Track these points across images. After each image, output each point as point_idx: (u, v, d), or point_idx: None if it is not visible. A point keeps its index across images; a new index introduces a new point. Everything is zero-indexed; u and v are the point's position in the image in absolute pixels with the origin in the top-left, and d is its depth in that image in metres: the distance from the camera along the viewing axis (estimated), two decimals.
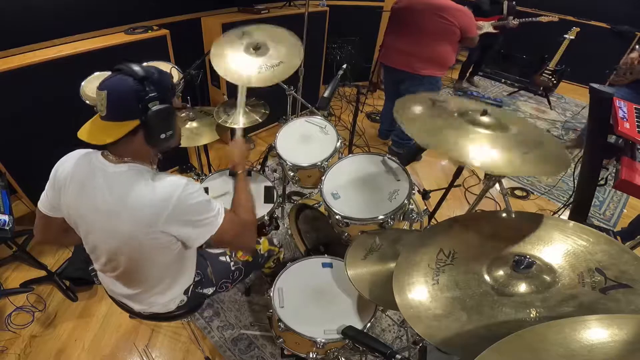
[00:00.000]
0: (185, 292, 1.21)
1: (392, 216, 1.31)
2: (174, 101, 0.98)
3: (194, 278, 1.23)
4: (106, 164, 0.93)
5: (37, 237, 1.14)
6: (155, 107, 0.90)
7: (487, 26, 3.65)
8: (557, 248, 0.82)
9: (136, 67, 0.89)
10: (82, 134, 0.91)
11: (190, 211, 0.95)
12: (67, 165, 0.99)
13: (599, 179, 1.21)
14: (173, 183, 0.93)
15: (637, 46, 2.64)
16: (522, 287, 0.76)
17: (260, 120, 1.77)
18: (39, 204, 1.06)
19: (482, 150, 0.92)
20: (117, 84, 0.88)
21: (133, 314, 1.23)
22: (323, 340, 1.16)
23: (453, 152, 0.90)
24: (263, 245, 1.47)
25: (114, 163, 0.93)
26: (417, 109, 1.10)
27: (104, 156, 0.95)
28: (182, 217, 0.94)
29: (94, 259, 1.09)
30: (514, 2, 3.82)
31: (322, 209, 1.55)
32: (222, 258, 1.34)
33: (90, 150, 0.98)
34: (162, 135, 0.95)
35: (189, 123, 1.86)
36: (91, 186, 0.93)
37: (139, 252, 0.99)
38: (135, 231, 0.93)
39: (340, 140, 1.71)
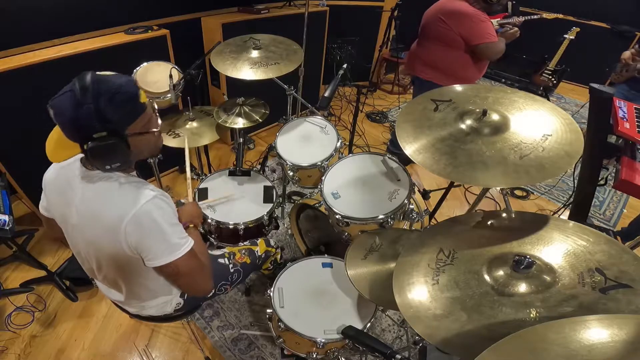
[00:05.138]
0: (182, 296, 1.20)
1: (392, 216, 1.31)
2: (139, 120, 0.87)
3: None
4: (83, 170, 0.92)
5: (48, 235, 1.15)
6: (97, 139, 0.79)
7: (494, 24, 3.64)
8: (557, 248, 0.82)
9: (86, 86, 0.77)
10: (49, 144, 0.88)
11: (155, 221, 0.87)
12: (51, 172, 0.99)
13: (599, 179, 1.21)
14: (145, 191, 0.88)
15: (637, 46, 2.66)
16: (522, 287, 0.76)
17: (260, 120, 1.77)
18: (40, 205, 1.07)
19: (477, 167, 0.93)
20: (62, 105, 0.79)
21: (130, 315, 1.22)
22: (323, 340, 1.16)
23: (451, 175, 0.94)
24: (260, 247, 1.46)
25: (89, 169, 0.91)
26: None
27: (82, 162, 0.93)
28: (145, 225, 0.86)
29: (80, 262, 1.09)
30: (514, 2, 3.81)
31: (322, 208, 1.55)
32: (221, 260, 1.33)
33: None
34: (107, 167, 0.86)
35: (189, 123, 1.86)
36: (69, 192, 0.93)
37: (116, 260, 0.95)
38: (101, 236, 0.90)
39: (340, 140, 1.71)
